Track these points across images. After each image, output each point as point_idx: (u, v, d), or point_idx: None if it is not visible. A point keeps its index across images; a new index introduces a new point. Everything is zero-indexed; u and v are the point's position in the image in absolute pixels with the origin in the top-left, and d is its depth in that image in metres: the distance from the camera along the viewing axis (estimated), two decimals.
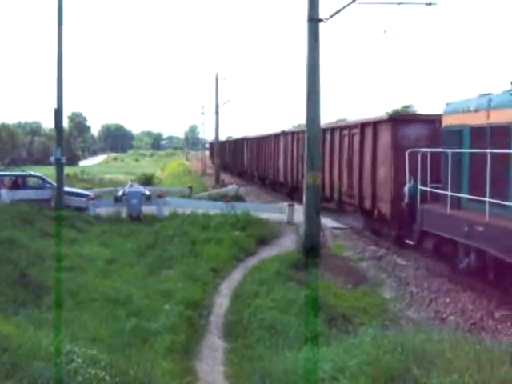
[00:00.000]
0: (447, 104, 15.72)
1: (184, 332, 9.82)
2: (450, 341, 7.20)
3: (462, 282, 14.25)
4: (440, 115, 16.12)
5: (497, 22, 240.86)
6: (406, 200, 16.55)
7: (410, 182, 16.34)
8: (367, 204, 20.71)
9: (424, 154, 15.86)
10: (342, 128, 24.26)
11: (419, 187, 15.78)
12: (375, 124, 20.28)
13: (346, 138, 23.17)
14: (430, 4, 16.42)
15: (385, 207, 18.97)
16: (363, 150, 21.13)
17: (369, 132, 20.67)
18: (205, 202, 26.44)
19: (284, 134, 34.95)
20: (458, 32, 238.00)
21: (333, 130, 25.03)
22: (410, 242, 16.36)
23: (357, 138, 21.84)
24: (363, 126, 21.42)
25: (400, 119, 19.79)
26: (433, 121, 17.74)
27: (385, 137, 19.26)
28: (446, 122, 15.41)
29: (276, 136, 37.20)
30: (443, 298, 13.44)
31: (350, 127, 23.33)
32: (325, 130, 24.20)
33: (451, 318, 12.26)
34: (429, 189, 15.62)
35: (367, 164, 20.70)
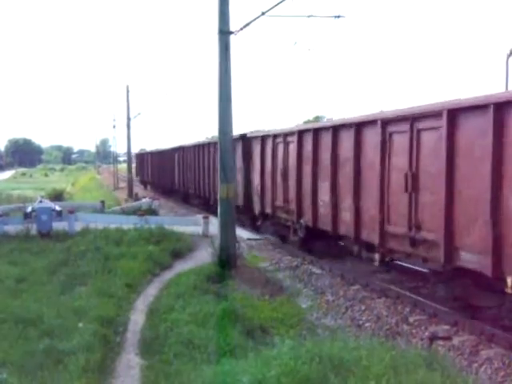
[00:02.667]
0: None
1: (99, 350, 9.55)
2: (366, 347, 7.30)
3: (376, 289, 14.56)
4: None
5: (405, 33, 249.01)
6: None
7: None
8: None
9: None
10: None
11: None
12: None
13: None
14: (339, 17, 16.78)
15: None
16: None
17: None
18: (118, 217, 25.97)
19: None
20: (367, 43, 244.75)
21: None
22: None
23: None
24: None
25: None
26: None
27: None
28: None
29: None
30: (359, 306, 13.67)
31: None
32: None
33: (367, 324, 12.47)
34: None
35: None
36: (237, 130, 19.26)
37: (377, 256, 14.66)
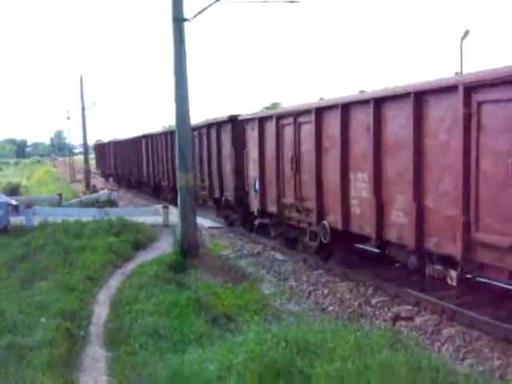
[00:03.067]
0: None
1: (63, 345, 9.47)
2: (331, 330, 7.38)
3: (339, 274, 14.70)
4: None
5: (358, 19, 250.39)
6: None
7: None
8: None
9: None
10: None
11: None
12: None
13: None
14: (293, 1, 16.76)
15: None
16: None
17: None
18: (76, 209, 25.68)
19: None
20: (322, 29, 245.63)
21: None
22: None
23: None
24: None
25: None
26: None
27: None
28: None
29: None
30: (322, 290, 13.81)
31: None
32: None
33: (331, 308, 12.61)
34: None
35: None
36: (195, 118, 19.07)
37: (454, 273, 11.14)
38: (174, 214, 20.29)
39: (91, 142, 66.48)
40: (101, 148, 62.10)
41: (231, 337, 8.43)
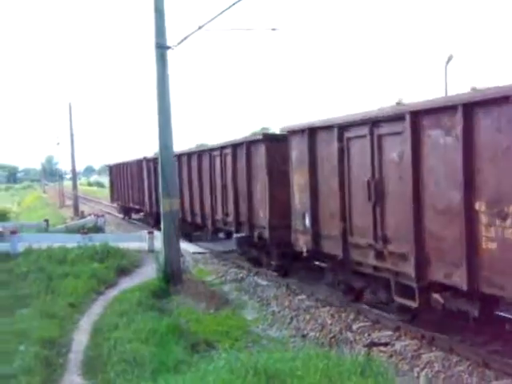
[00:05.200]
0: None
1: (41, 373, 9.46)
2: (302, 358, 7.38)
3: (321, 299, 14.69)
4: None
5: (344, 41, 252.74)
6: None
7: None
8: None
9: None
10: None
11: None
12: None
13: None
14: (275, 29, 17.00)
15: None
16: None
17: None
18: (61, 236, 25.64)
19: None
20: (304, 55, 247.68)
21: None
22: None
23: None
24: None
25: None
26: None
27: None
28: None
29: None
30: (304, 315, 13.78)
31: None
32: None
33: (312, 333, 12.57)
34: None
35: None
36: (186, 144, 18.97)
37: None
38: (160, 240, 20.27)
39: (81, 167, 66.13)
40: (120, 170, 42.07)
41: (203, 364, 8.42)
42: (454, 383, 9.39)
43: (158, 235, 22.11)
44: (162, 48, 16.19)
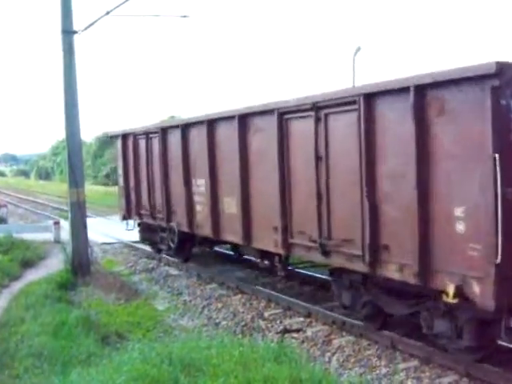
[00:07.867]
0: None
1: None
2: (216, 346, 7.36)
3: (232, 287, 14.72)
4: None
5: (252, 31, 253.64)
6: None
7: None
8: None
9: None
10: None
11: None
12: None
13: None
14: (185, 16, 16.84)
15: None
16: None
17: None
18: None
19: None
20: (214, 42, 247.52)
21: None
22: None
23: None
24: None
25: None
26: None
27: None
28: None
29: None
30: (215, 304, 13.78)
31: None
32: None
33: (224, 322, 12.58)
34: None
35: None
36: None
37: None
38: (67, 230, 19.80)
39: None
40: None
41: (117, 355, 8.28)
42: (363, 367, 9.59)
43: (65, 225, 21.62)
44: (68, 33, 15.71)
